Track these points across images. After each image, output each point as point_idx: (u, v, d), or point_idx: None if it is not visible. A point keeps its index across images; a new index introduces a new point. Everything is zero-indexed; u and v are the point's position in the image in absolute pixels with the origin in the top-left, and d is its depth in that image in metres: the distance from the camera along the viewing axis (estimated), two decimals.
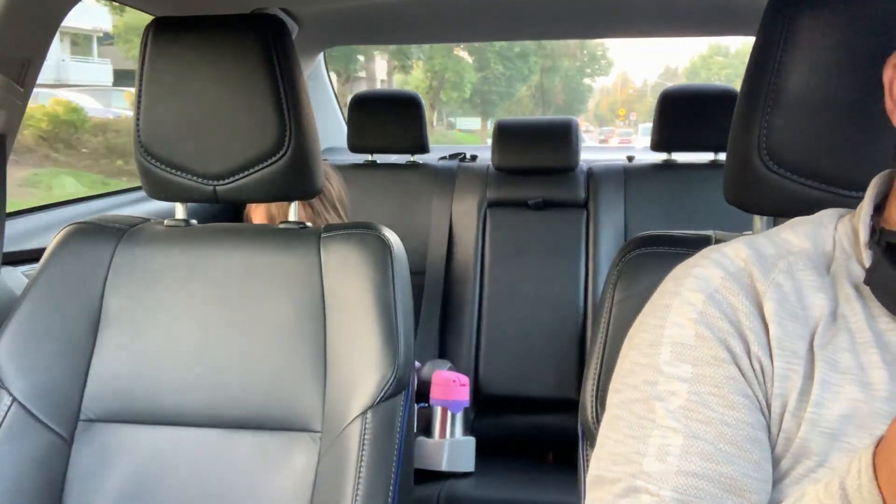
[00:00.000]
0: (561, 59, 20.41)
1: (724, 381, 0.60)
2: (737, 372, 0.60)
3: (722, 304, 0.62)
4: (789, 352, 0.60)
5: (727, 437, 0.58)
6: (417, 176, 2.26)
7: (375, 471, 0.96)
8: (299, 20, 2.03)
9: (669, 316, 0.64)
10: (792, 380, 0.59)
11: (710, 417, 0.59)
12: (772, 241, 0.67)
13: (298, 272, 1.06)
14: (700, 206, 1.99)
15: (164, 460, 1.03)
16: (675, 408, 0.60)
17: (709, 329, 0.61)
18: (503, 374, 2.06)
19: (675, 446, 0.58)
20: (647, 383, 0.62)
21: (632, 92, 30.92)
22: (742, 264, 0.64)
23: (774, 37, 0.79)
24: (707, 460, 0.58)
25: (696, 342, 0.61)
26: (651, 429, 0.60)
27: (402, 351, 1.01)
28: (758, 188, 0.82)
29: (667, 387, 0.61)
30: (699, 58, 32.39)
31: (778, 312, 0.61)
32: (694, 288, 0.64)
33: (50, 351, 1.05)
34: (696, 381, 0.60)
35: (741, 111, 0.84)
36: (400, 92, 2.44)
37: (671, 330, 0.63)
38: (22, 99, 1.17)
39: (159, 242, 1.11)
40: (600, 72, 24.90)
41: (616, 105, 28.90)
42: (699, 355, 0.61)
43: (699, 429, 0.59)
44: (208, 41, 1.07)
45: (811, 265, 0.64)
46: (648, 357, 0.63)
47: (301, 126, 1.07)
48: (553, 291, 2.07)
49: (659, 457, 0.59)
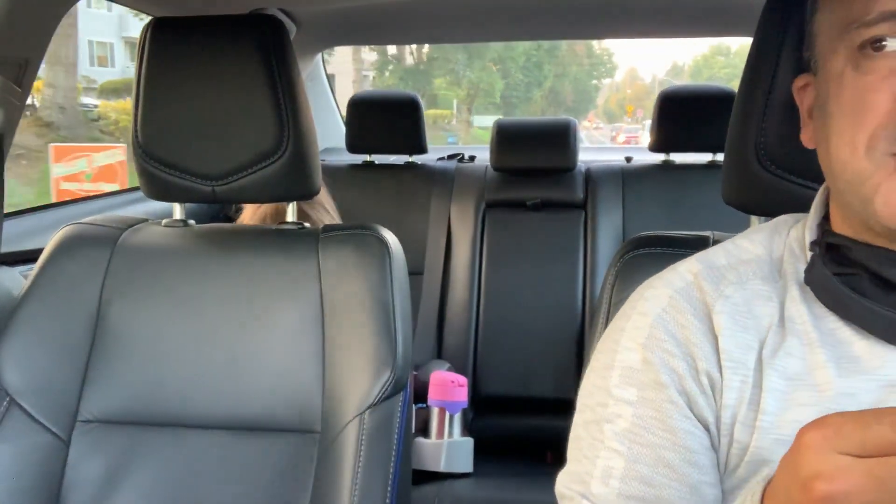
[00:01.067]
0: (570, 66, 23.22)
1: (665, 406, 0.61)
2: (677, 396, 0.61)
3: (669, 325, 0.63)
4: (738, 363, 0.60)
5: (665, 461, 0.60)
6: (416, 176, 2.26)
7: (373, 471, 0.96)
8: (298, 20, 2.03)
9: (622, 340, 0.65)
10: (742, 391, 0.60)
11: (651, 441, 0.60)
12: (726, 251, 0.67)
13: (297, 273, 1.06)
14: (698, 207, 1.99)
15: (162, 461, 1.03)
16: (620, 430, 0.62)
17: (653, 353, 0.63)
18: (501, 374, 2.06)
19: (618, 469, 0.61)
20: (599, 405, 0.64)
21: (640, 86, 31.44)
22: (692, 278, 0.65)
23: (771, 37, 0.79)
24: (645, 484, 0.60)
25: (641, 366, 0.63)
26: (600, 450, 0.62)
27: (400, 351, 1.01)
28: (755, 189, 0.82)
29: (615, 409, 0.63)
30: (701, 57, 33.26)
31: (727, 325, 0.61)
32: (644, 311, 0.65)
33: (48, 352, 1.05)
34: (639, 404, 0.62)
35: (739, 112, 0.84)
36: (398, 93, 2.44)
37: (622, 354, 0.64)
38: (20, 99, 1.17)
39: (157, 243, 1.11)
40: (605, 74, 27.34)
41: (625, 101, 29.56)
42: (644, 379, 0.62)
43: (640, 452, 0.60)
44: (207, 41, 1.06)
45: (761, 273, 0.65)
46: (603, 380, 0.65)
47: (299, 126, 1.06)
48: (551, 292, 2.07)
49: (603, 479, 0.61)
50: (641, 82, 33.77)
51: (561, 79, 21.65)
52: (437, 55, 17.08)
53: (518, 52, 18.06)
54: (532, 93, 19.74)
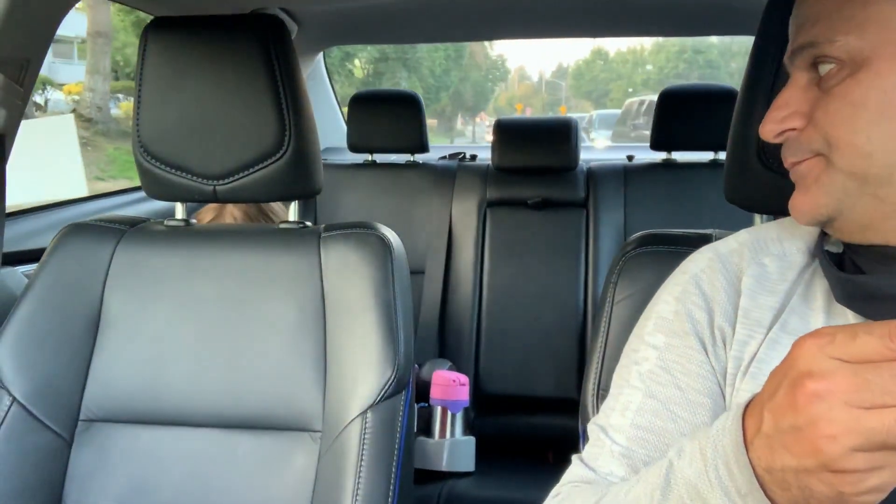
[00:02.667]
0: (471, 72, 27.54)
1: (685, 352, 0.68)
2: (696, 342, 0.68)
3: (702, 283, 0.70)
4: (753, 321, 0.66)
5: (675, 400, 0.67)
6: (417, 175, 2.26)
7: (375, 471, 0.96)
8: (299, 20, 2.03)
9: (662, 294, 0.73)
10: (750, 345, 0.66)
11: (667, 381, 0.68)
12: (780, 226, 0.73)
13: (298, 272, 1.06)
14: (700, 205, 1.99)
15: (164, 460, 1.03)
16: (645, 371, 0.69)
17: (684, 305, 0.70)
18: (503, 373, 2.06)
19: (635, 403, 0.68)
20: (633, 350, 0.72)
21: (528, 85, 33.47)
22: (736, 246, 0.72)
23: (773, 36, 0.79)
24: (656, 416, 0.67)
25: (673, 317, 0.70)
26: (624, 388, 0.70)
27: (402, 350, 1.01)
28: (757, 187, 0.82)
29: (643, 353, 0.71)
30: (583, 61, 36.20)
31: (752, 287, 0.68)
32: (685, 269, 0.72)
33: (50, 351, 1.05)
34: (665, 349, 0.69)
35: (740, 110, 0.84)
36: (399, 91, 2.44)
37: (659, 306, 0.72)
38: (21, 99, 1.17)
39: (159, 242, 1.11)
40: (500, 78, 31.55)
41: (514, 99, 31.27)
42: (673, 328, 0.69)
43: (656, 390, 0.68)
44: (208, 41, 1.06)
45: (807, 248, 0.69)
46: (640, 328, 0.73)
47: (301, 126, 1.06)
48: (553, 291, 2.07)
49: (622, 412, 0.69)
50: (529, 81, 36.01)
51: (464, 82, 25.29)
52: (384, 70, 20.02)
53: (435, 63, 21.61)
54: (440, 96, 22.97)
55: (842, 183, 0.61)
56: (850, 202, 0.61)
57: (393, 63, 20.11)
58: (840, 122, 0.59)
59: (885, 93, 0.57)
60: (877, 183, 0.59)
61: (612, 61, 34.79)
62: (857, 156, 0.59)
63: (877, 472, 0.42)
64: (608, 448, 0.68)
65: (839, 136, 0.59)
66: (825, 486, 0.43)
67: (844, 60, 0.59)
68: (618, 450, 0.67)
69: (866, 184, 0.59)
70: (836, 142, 0.60)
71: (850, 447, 0.41)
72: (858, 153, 0.59)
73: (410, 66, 21.09)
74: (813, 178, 0.62)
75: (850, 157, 0.59)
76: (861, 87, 0.58)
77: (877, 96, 0.58)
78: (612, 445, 0.67)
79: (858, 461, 0.41)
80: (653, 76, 29.81)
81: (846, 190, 0.61)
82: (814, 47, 0.61)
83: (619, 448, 0.67)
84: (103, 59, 11.53)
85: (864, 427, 0.41)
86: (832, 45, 0.59)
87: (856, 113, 0.58)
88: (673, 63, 29.44)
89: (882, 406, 0.41)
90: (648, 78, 30.23)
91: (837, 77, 0.60)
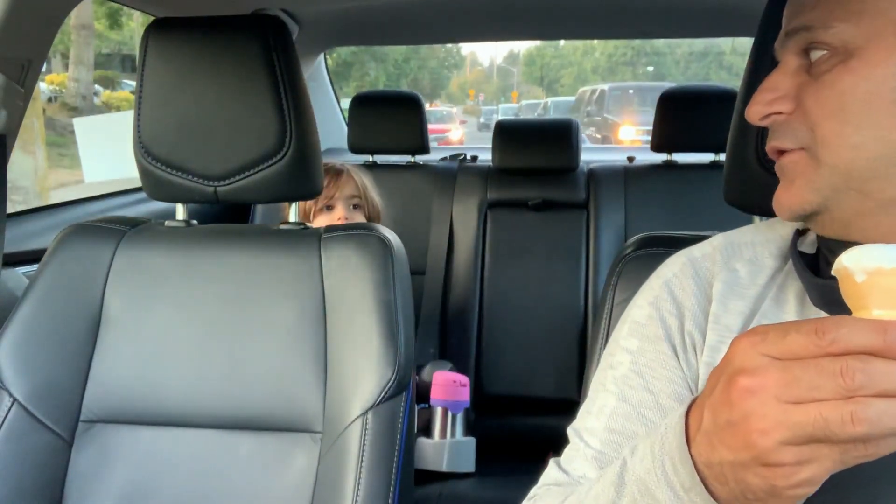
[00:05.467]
0: (429, 60, 29.08)
1: (657, 356, 0.69)
2: (668, 348, 0.69)
3: (674, 288, 0.71)
4: (723, 326, 0.67)
5: (646, 403, 0.68)
6: (418, 176, 2.26)
7: (376, 471, 0.96)
8: (300, 21, 2.03)
9: (637, 299, 0.74)
10: (721, 351, 0.66)
11: (639, 385, 0.69)
12: (756, 229, 0.73)
13: (299, 273, 1.06)
14: (701, 207, 1.99)
15: (165, 461, 1.03)
16: (619, 375, 0.70)
17: (656, 311, 0.70)
18: (504, 374, 2.06)
19: (609, 407, 0.69)
20: (609, 354, 0.73)
21: (480, 71, 34.39)
22: (710, 250, 0.72)
23: (772, 38, 0.79)
24: (627, 420, 0.68)
25: (646, 321, 0.71)
26: (600, 392, 0.71)
27: (402, 352, 1.01)
28: (756, 189, 0.82)
29: (618, 357, 0.71)
30: (534, 47, 37.25)
31: (723, 291, 0.68)
32: (659, 274, 0.73)
33: (51, 352, 1.05)
34: (638, 353, 0.70)
35: (740, 112, 0.84)
36: (400, 92, 2.44)
37: (633, 310, 0.73)
38: (22, 100, 1.17)
39: (160, 243, 1.11)
40: (455, 65, 32.85)
41: (466, 85, 32.13)
42: (646, 332, 0.70)
43: (628, 393, 0.69)
44: (209, 42, 1.07)
45: (779, 252, 0.70)
46: (617, 332, 0.74)
47: (302, 127, 1.07)
48: (553, 292, 2.07)
49: (597, 416, 0.70)
50: (481, 67, 36.79)
51: (422, 70, 26.59)
52: (353, 60, 21.00)
53: (398, 52, 22.81)
54: (401, 83, 24.05)
55: (827, 178, 0.60)
56: (835, 198, 0.60)
57: (361, 54, 20.98)
58: (829, 109, 0.59)
59: (875, 83, 0.57)
60: (862, 178, 0.59)
61: (562, 48, 35.90)
62: (844, 147, 0.59)
63: (806, 465, 0.43)
64: (582, 451, 0.69)
65: (826, 126, 0.59)
66: (759, 480, 0.44)
67: (837, 47, 0.59)
68: (591, 453, 0.68)
69: (851, 178, 0.59)
70: (822, 132, 0.59)
71: (780, 441, 0.42)
72: (845, 144, 0.58)
73: (378, 57, 22.09)
74: (798, 173, 0.62)
75: (837, 148, 0.59)
76: (851, 76, 0.58)
77: (866, 86, 0.57)
78: (586, 449, 0.68)
79: (788, 454, 0.42)
80: (602, 63, 30.09)
81: (832, 185, 0.60)
82: (808, 31, 0.60)
83: (592, 451, 0.68)
84: (87, 50, 12.11)
85: (792, 421, 0.42)
86: (827, 31, 0.59)
87: (844, 101, 0.58)
88: (622, 51, 29.99)
89: (810, 400, 0.42)
90: (598, 65, 30.53)
91: (828, 63, 0.59)
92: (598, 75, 27.78)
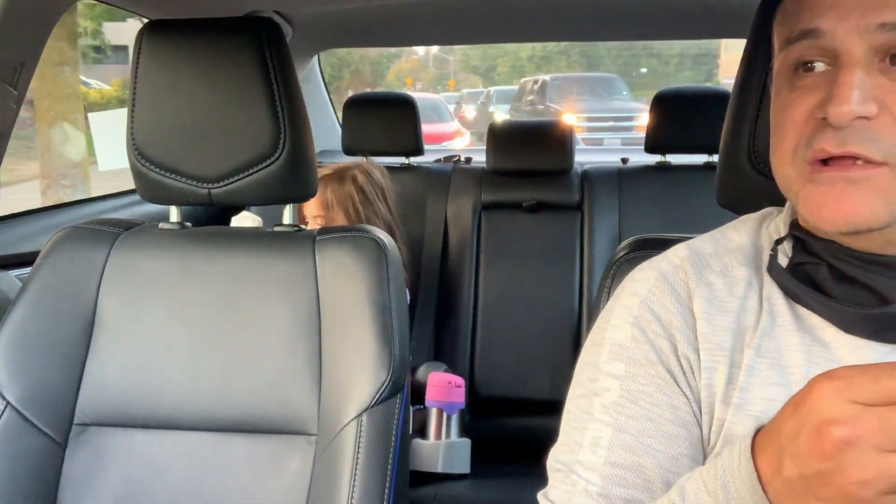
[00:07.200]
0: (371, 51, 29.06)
1: (651, 380, 0.65)
2: (664, 372, 0.65)
3: (654, 307, 0.67)
4: (714, 345, 0.64)
5: (649, 432, 0.63)
6: (412, 178, 2.26)
7: (371, 473, 0.96)
8: (293, 23, 2.03)
9: (612, 318, 0.69)
10: (718, 371, 0.63)
11: (636, 413, 0.64)
12: (714, 240, 0.71)
13: (293, 275, 1.06)
14: (695, 208, 1.99)
15: (159, 464, 1.03)
16: (609, 403, 0.65)
17: (642, 332, 0.66)
18: (498, 375, 2.06)
19: (605, 438, 0.64)
20: (589, 380, 0.68)
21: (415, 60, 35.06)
22: (678, 262, 0.69)
23: (764, 39, 0.79)
24: (630, 452, 0.63)
25: (630, 343, 0.66)
26: (588, 422, 0.66)
27: (397, 353, 1.01)
28: (748, 190, 0.83)
29: (603, 383, 0.66)
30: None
31: (706, 309, 0.65)
32: (632, 292, 0.69)
33: (44, 355, 1.05)
34: (627, 378, 0.65)
35: (732, 113, 0.84)
36: (394, 94, 2.44)
37: (611, 332, 0.68)
38: (15, 102, 1.17)
39: (154, 246, 1.11)
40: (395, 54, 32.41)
41: (402, 74, 32.63)
42: (632, 355, 0.66)
43: (626, 423, 0.64)
44: (203, 44, 1.06)
45: (745, 261, 0.68)
46: (592, 356, 0.69)
47: (296, 128, 1.06)
48: (548, 293, 2.07)
49: (592, 448, 0.64)
50: (416, 56, 37.22)
51: (363, 60, 26.91)
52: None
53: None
54: (343, 72, 24.41)
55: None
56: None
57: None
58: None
59: None
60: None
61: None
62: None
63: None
64: (582, 487, 0.64)
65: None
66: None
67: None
68: (594, 489, 0.63)
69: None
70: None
71: (881, 491, 0.42)
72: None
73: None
74: (875, 188, 0.57)
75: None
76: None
77: None
78: (588, 485, 0.63)
79: (888, 503, 0.42)
80: (537, 53, 30.18)
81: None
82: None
83: (596, 488, 0.63)
84: (74, 48, 12.69)
85: (894, 470, 0.41)
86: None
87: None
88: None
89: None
90: (533, 54, 30.61)
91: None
92: (534, 63, 27.79)
